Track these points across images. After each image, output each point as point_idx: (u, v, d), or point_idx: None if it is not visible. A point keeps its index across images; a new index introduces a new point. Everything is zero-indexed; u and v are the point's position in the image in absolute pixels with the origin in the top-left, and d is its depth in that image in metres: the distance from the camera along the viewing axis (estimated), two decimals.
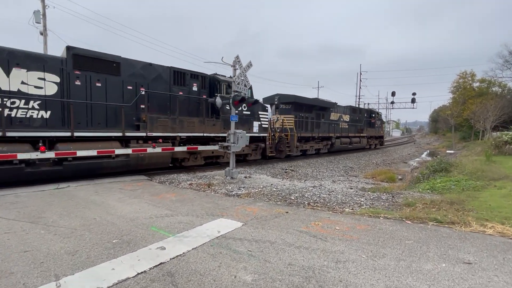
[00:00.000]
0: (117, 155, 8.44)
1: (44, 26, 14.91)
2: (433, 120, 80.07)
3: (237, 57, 7.90)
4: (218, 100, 8.14)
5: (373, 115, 28.21)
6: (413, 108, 44.13)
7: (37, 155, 6.95)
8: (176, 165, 10.72)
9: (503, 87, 37.18)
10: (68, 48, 7.83)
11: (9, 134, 6.60)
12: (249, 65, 8.33)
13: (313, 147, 18.77)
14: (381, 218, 4.29)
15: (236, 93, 7.98)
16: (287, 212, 4.70)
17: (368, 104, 50.36)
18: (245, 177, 9.50)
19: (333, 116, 20.87)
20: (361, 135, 24.75)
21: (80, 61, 7.99)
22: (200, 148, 9.89)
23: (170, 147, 9.28)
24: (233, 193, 6.87)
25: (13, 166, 6.68)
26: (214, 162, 12.16)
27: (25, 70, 7.06)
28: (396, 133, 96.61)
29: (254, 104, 8.68)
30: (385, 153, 26.08)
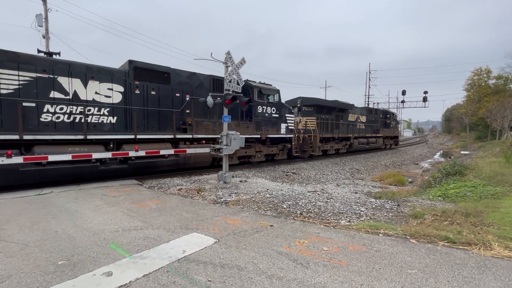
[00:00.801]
0: (169, 155, 9.40)
1: (46, 29, 14.81)
2: (446, 119, 77.00)
3: (228, 53, 7.31)
4: (209, 100, 7.57)
5: (388, 116, 28.26)
6: (424, 107, 42.37)
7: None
8: (214, 164, 11.26)
9: None
10: (130, 62, 8.87)
11: (89, 137, 7.65)
12: (242, 62, 7.71)
13: (333, 147, 19.32)
14: (380, 234, 3.57)
15: (227, 92, 7.38)
16: (271, 226, 4.05)
17: (378, 103, 48.79)
18: (241, 181, 8.89)
19: (351, 117, 21.25)
20: (377, 135, 24.98)
21: (139, 73, 8.98)
22: (189, 151, 9.34)
23: (155, 151, 8.76)
24: (222, 200, 6.26)
25: (91, 164, 7.63)
26: (246, 161, 12.99)
27: (98, 82, 8.09)
28: (408, 133, 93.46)
29: (248, 103, 8.07)
30: (395, 154, 24.85)
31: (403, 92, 44.10)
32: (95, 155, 7.61)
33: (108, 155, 7.81)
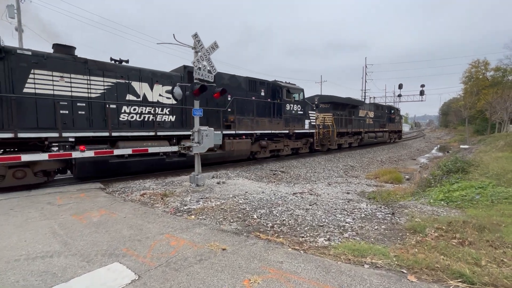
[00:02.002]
0: (219, 148, 10.32)
1: (19, 21, 13.61)
2: (443, 113, 75.88)
3: (196, 35, 6.18)
4: (177, 91, 6.49)
5: (393, 111, 29.32)
6: (421, 101, 41.28)
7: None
8: (250, 157, 12.50)
9: None
10: (185, 67, 9.79)
11: (158, 133, 8.68)
12: (214, 46, 6.60)
13: (347, 141, 20.35)
14: (366, 265, 2.53)
15: (196, 81, 6.29)
16: (224, 249, 3.01)
17: (375, 98, 47.69)
18: (219, 182, 7.84)
19: (361, 113, 22.38)
20: (383, 129, 26.20)
21: (191, 76, 9.82)
22: (151, 150, 8.31)
23: (106, 150, 7.65)
24: (186, 207, 5.22)
25: (159, 157, 8.65)
26: (276, 154, 14.04)
27: (161, 85, 8.98)
28: (405, 128, 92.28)
29: (222, 95, 6.99)
30: (392, 149, 23.78)
31: (400, 86, 42.96)
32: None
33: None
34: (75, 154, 7.03)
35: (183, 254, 2.94)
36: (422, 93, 41.28)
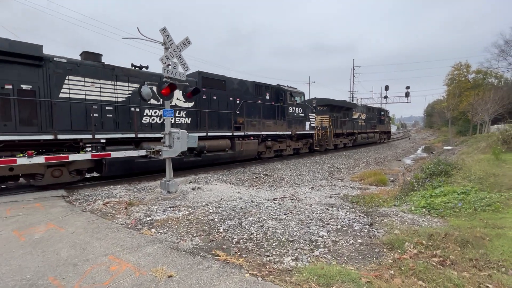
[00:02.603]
0: (229, 148, 11.23)
1: None
2: (428, 114, 77.55)
3: (164, 30, 5.65)
4: (145, 90, 5.93)
5: (383, 113, 30.44)
6: (407, 102, 41.97)
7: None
8: (256, 157, 13.15)
9: (500, 78, 34.80)
10: (199, 72, 10.36)
11: None
12: (185, 42, 6.09)
13: (342, 142, 21.21)
14: None
15: (165, 80, 5.76)
16: (170, 276, 2.52)
17: (362, 99, 48.12)
18: (194, 188, 7.33)
19: (355, 115, 23.32)
20: (374, 130, 27.28)
21: (205, 81, 10.50)
22: (71, 157, 7.05)
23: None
24: (149, 219, 4.70)
25: (178, 157, 8.02)
26: (279, 154, 14.64)
27: (178, 89, 8.40)
28: (391, 129, 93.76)
29: (194, 95, 6.49)
30: (378, 150, 23.80)
31: (386, 88, 43.52)
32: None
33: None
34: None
35: (119, 284, 2.43)
36: (407, 94, 41.96)
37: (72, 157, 6.90)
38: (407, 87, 41.05)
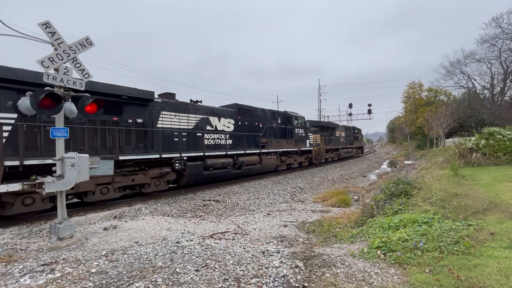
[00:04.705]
0: (258, 163, 14.10)
1: None
2: (390, 130, 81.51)
3: (47, 25, 4.27)
4: (23, 103, 4.37)
5: (356, 131, 34.75)
6: (370, 119, 43.57)
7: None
8: (274, 170, 15.91)
9: (449, 95, 37.52)
10: (236, 104, 13.44)
11: (230, 152, 12.10)
12: (84, 43, 4.74)
13: (331, 156, 24.88)
14: None
15: (47, 89, 4.27)
16: None
17: (328, 117, 49.27)
18: (108, 228, 5.65)
19: (337, 134, 27.46)
20: (352, 146, 31.73)
21: (240, 111, 13.57)
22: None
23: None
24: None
25: (227, 169, 11.84)
26: (288, 168, 17.67)
27: (224, 118, 12.42)
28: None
29: (100, 108, 5.05)
30: (344, 167, 23.49)
31: (350, 105, 45.07)
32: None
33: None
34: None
35: None
36: (369, 111, 43.50)
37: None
38: (369, 105, 42.72)
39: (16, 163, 5.90)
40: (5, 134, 6.00)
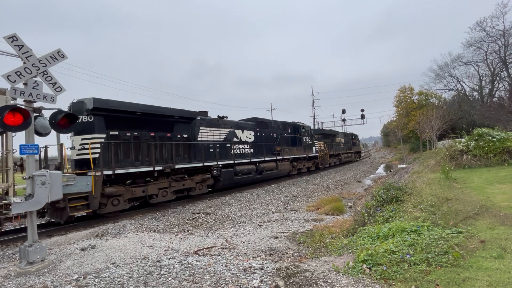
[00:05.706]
0: (275, 168, 16.10)
1: None
2: (384, 134, 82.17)
3: (14, 38, 4.10)
4: (41, 123, 4.13)
5: (354, 137, 36.57)
6: (363, 124, 43.86)
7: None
8: (286, 174, 17.91)
9: (439, 98, 37.98)
10: (255, 118, 15.48)
11: (253, 160, 14.11)
12: (56, 56, 4.56)
13: (333, 161, 26.68)
14: None
15: (13, 105, 4.06)
16: None
17: (322, 123, 49.47)
18: (85, 248, 5.32)
19: (337, 140, 29.19)
20: (351, 151, 33.58)
21: (258, 124, 15.51)
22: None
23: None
24: None
25: (251, 175, 13.85)
26: (298, 172, 19.58)
27: (246, 130, 14.27)
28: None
29: (72, 123, 4.86)
30: (339, 172, 23.35)
31: (343, 111, 45.24)
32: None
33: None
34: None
35: None
36: (363, 116, 43.74)
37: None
38: (362, 110, 43.03)
39: (110, 172, 7.96)
40: (98, 150, 7.95)
